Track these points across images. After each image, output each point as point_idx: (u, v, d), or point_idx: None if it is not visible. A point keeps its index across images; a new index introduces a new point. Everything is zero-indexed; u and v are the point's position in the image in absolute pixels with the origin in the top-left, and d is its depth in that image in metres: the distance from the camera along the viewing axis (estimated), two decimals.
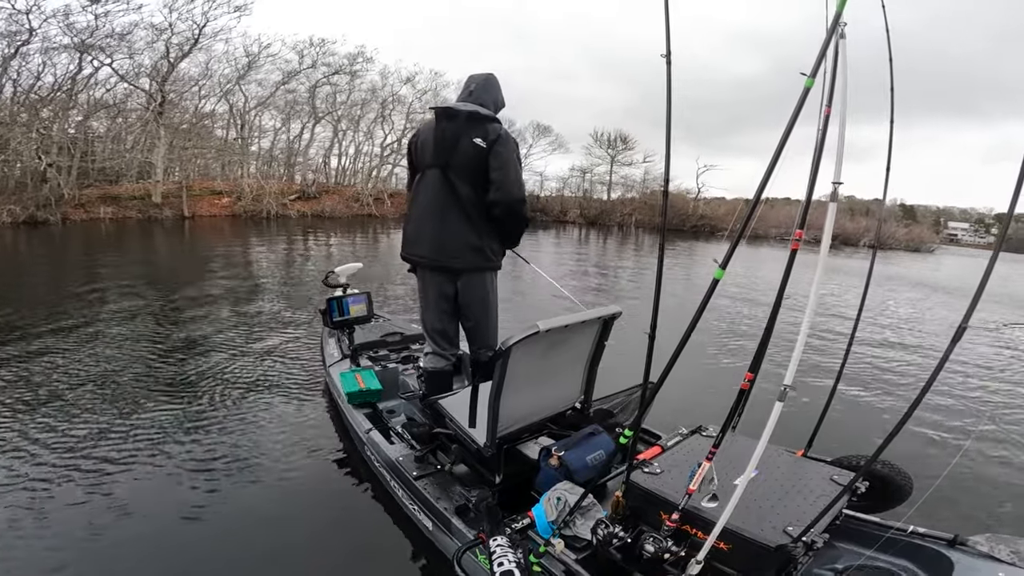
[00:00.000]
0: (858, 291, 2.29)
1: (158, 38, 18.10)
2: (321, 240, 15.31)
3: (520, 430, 2.23)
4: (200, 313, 6.06)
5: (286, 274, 9.54)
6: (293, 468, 2.84)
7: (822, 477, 1.87)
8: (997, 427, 3.94)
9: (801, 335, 1.29)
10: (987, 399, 4.65)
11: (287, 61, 22.89)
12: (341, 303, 3.32)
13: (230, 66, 21.26)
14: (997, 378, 5.22)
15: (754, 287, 10.37)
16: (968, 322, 1.17)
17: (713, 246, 22.31)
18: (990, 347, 6.40)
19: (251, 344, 4.96)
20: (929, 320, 8.28)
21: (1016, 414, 4.34)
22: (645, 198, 31.75)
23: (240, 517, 2.45)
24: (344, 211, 23.29)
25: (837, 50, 1.18)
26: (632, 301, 8.27)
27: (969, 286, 1.29)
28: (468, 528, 1.93)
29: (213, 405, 3.54)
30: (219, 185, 21.76)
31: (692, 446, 2.10)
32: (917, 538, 1.71)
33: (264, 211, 20.45)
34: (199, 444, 3.00)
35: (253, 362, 4.44)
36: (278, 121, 25.53)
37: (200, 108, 21.95)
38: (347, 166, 29.44)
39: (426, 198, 2.44)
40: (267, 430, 3.23)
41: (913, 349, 6.21)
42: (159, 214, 18.05)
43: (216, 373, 4.13)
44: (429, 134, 2.43)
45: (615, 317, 2.22)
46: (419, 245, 2.49)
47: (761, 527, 1.57)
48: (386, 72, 26.07)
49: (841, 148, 1.18)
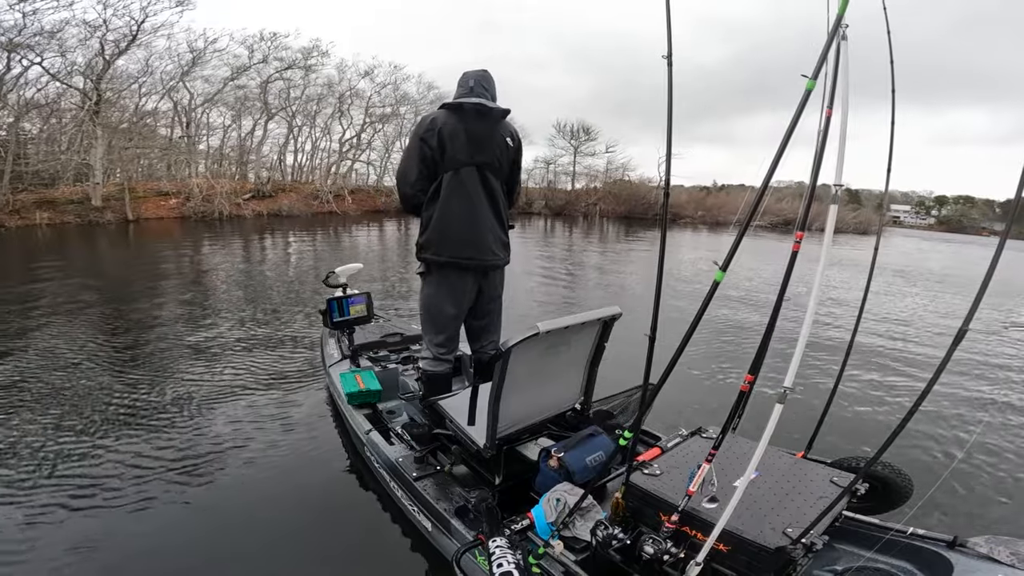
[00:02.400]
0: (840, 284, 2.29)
1: (92, 35, 17.00)
2: (279, 240, 14.68)
3: (520, 431, 2.22)
4: (176, 315, 6.05)
5: (246, 277, 8.99)
6: (292, 468, 2.84)
7: (822, 479, 1.87)
8: (998, 428, 3.94)
9: (802, 337, 1.28)
10: (988, 400, 4.65)
11: (236, 56, 21.82)
12: (341, 303, 3.32)
13: (173, 62, 20.16)
14: (998, 379, 5.22)
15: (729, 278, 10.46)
16: (968, 325, 1.17)
17: (677, 234, 22.48)
18: (992, 347, 6.40)
19: (247, 343, 4.96)
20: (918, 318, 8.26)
21: (1017, 415, 4.34)
22: (608, 187, 32.23)
23: (238, 516, 2.45)
24: (303, 209, 22.37)
25: (839, 51, 1.18)
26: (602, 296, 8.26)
27: (917, 267, 1.29)
28: (468, 529, 1.92)
29: (211, 406, 3.54)
30: (165, 186, 20.62)
31: (692, 448, 2.10)
32: (917, 540, 1.71)
33: (216, 212, 19.33)
34: (197, 446, 3.00)
35: (246, 365, 4.44)
36: (228, 118, 24.40)
37: (141, 106, 20.74)
38: (304, 163, 28.50)
39: (464, 197, 2.36)
40: (266, 430, 3.23)
41: (904, 347, 6.22)
42: (100, 218, 16.93)
43: (214, 376, 4.13)
44: (459, 130, 2.32)
45: (615, 318, 2.21)
46: (459, 245, 2.39)
47: (761, 529, 1.57)
48: (343, 66, 25.30)
49: (842, 150, 1.18)
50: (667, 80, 1.54)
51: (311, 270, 9.71)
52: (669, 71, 1.54)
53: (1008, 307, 9.09)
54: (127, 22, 17.42)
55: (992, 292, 1.26)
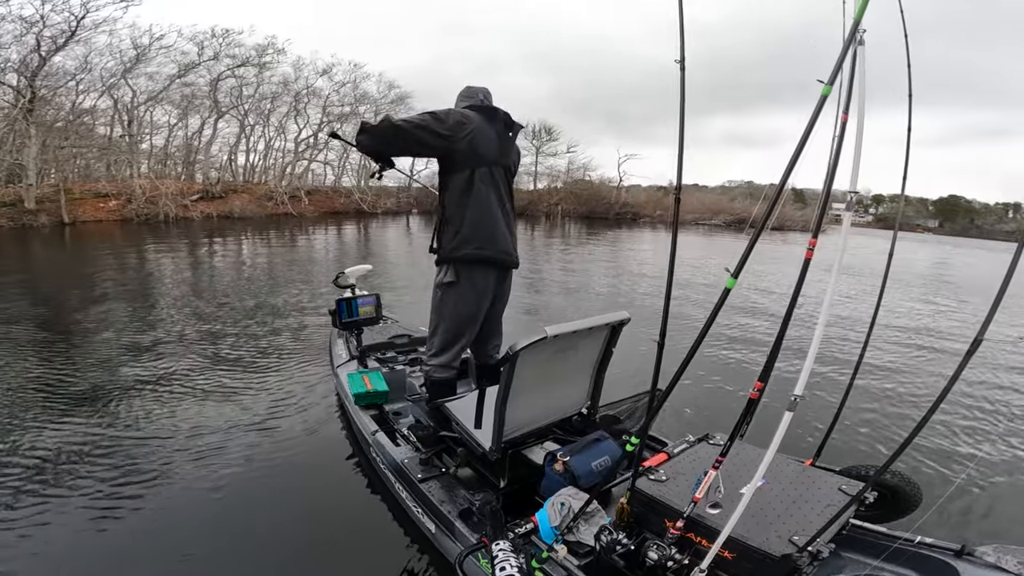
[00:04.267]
0: (779, 275, 2.28)
1: (28, 31, 16.13)
2: (231, 243, 14.05)
3: (526, 435, 2.22)
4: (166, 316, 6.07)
5: (195, 279, 8.70)
6: (297, 467, 2.85)
7: (830, 487, 1.86)
8: (1009, 438, 3.90)
9: (813, 345, 1.27)
10: (1000, 409, 4.60)
11: (184, 53, 20.86)
12: (351, 304, 3.32)
13: (115, 59, 19.14)
14: (1011, 388, 5.16)
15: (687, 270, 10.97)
16: (984, 335, 1.16)
17: (637, 233, 22.65)
18: (1004, 357, 6.33)
19: (258, 340, 4.98)
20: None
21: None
22: (569, 187, 32.41)
23: (241, 515, 2.46)
24: (256, 211, 21.52)
25: (855, 57, 1.17)
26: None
27: (862, 265, 1.29)
28: (471, 532, 1.92)
29: (209, 407, 3.56)
30: (105, 187, 19.43)
31: (699, 454, 2.09)
32: (924, 548, 1.70)
33: (161, 214, 18.52)
34: (197, 446, 3.01)
35: (258, 361, 4.45)
36: (173, 117, 23.22)
37: (78, 104, 19.60)
38: (257, 163, 27.19)
39: (492, 195, 2.39)
40: (273, 429, 3.24)
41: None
42: (34, 221, 16.00)
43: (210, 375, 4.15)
44: (488, 130, 2.36)
45: (624, 323, 2.21)
46: (492, 243, 2.39)
47: (766, 536, 1.56)
48: (300, 64, 24.43)
49: (858, 157, 1.17)
50: (680, 84, 1.54)
51: (265, 274, 9.41)
52: (682, 75, 1.55)
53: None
54: (66, 17, 16.59)
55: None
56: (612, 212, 30.76)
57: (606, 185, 33.12)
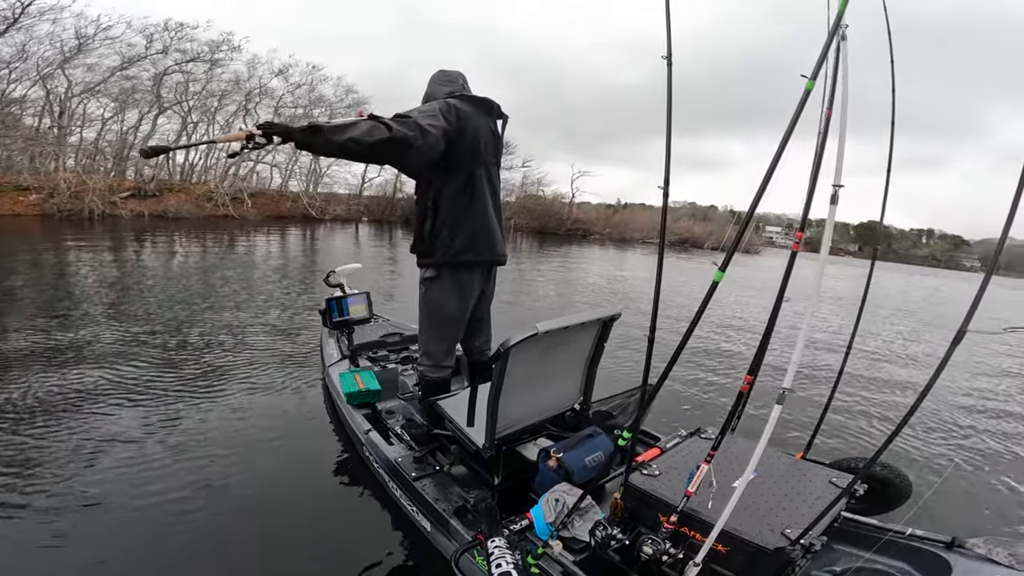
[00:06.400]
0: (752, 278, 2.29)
1: None
2: (160, 244, 13.07)
3: (519, 431, 2.22)
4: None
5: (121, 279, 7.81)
6: (290, 468, 2.83)
7: (821, 479, 1.87)
8: (996, 430, 3.94)
9: (800, 339, 1.28)
10: (987, 402, 4.65)
11: (131, 45, 19.68)
12: (341, 303, 3.31)
13: (54, 48, 18.07)
14: (997, 380, 5.22)
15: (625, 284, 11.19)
16: (968, 326, 1.17)
17: (587, 250, 22.49)
18: (989, 350, 6.41)
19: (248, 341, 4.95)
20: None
21: (1016, 417, 4.34)
22: (523, 201, 31.75)
23: (234, 516, 2.44)
24: (194, 211, 20.40)
25: (839, 52, 1.18)
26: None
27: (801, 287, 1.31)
28: (466, 529, 1.92)
29: (207, 407, 3.54)
30: (26, 179, 18.04)
31: (691, 448, 2.10)
32: (915, 540, 1.72)
33: (86, 210, 17.36)
34: (194, 447, 2.99)
35: (248, 359, 4.43)
36: (109, 110, 21.70)
37: (8, 93, 18.41)
38: (197, 162, 25.38)
39: (483, 196, 2.31)
40: (264, 431, 3.22)
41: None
42: None
43: (210, 372, 4.13)
44: (483, 126, 2.26)
45: (615, 319, 2.22)
46: (489, 247, 2.36)
47: (759, 529, 1.57)
48: (255, 62, 23.17)
49: (842, 152, 1.18)
50: (667, 80, 1.55)
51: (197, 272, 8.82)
52: (669, 71, 1.55)
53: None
54: (11, 4, 15.79)
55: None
56: (564, 228, 30.45)
57: (559, 201, 32.73)
